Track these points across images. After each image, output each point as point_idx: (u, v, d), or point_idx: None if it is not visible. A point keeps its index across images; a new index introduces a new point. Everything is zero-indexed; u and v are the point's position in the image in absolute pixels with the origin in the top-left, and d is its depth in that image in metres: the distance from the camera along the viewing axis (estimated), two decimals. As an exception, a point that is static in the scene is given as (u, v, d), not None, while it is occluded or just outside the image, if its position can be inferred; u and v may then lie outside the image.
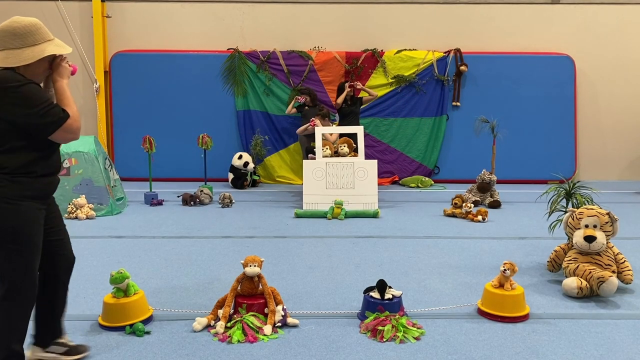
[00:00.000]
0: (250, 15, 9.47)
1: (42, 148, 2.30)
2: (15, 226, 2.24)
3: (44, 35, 2.32)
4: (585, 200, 4.31)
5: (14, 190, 2.23)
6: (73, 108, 2.33)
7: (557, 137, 9.36)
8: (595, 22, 9.53)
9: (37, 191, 2.31)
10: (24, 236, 2.26)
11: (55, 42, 2.35)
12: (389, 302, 3.11)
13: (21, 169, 2.25)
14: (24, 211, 2.25)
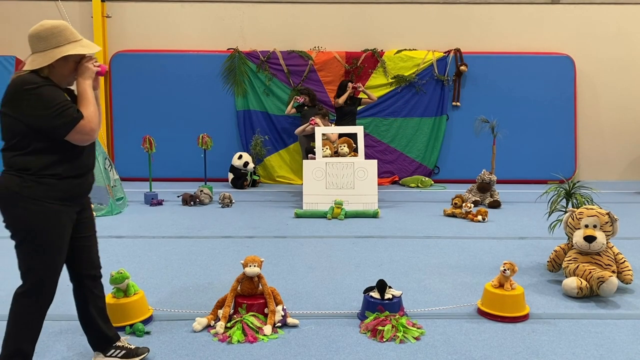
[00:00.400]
0: (250, 15, 9.47)
1: (65, 150, 2.27)
2: (38, 226, 2.25)
3: (68, 36, 2.27)
4: (585, 200, 4.31)
5: (39, 191, 2.23)
6: (89, 109, 2.26)
7: (557, 137, 9.36)
8: (595, 22, 9.53)
9: (63, 192, 2.29)
10: (47, 237, 2.26)
11: (80, 42, 2.30)
12: (389, 302, 3.11)
13: (45, 170, 2.24)
14: (49, 212, 2.25)
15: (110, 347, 2.61)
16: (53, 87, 2.23)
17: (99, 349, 2.61)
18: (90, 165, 2.44)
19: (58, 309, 3.32)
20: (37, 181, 2.23)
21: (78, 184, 2.37)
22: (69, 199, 2.33)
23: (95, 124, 2.27)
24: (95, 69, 2.34)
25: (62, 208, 2.30)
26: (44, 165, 2.24)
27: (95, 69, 2.34)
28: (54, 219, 2.27)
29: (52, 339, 2.89)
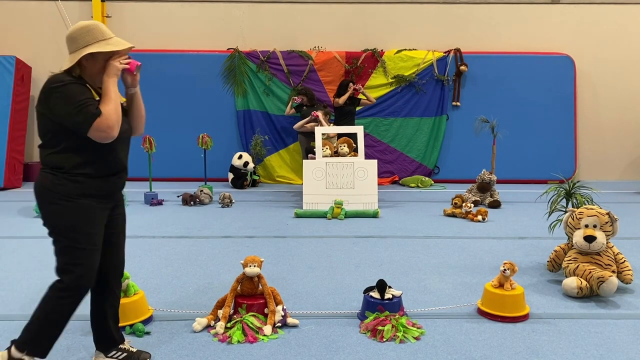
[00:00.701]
0: (250, 15, 9.48)
1: (95, 148, 2.27)
2: (73, 222, 2.27)
3: (97, 35, 2.28)
4: (585, 200, 4.31)
5: (72, 189, 2.26)
6: (108, 106, 2.22)
7: (557, 137, 9.37)
8: (595, 22, 9.53)
9: (95, 190, 2.31)
10: (81, 233, 2.28)
11: (108, 40, 2.29)
12: (389, 302, 3.11)
13: (77, 168, 2.27)
14: (82, 208, 2.27)
15: (113, 348, 2.61)
16: (78, 85, 2.24)
17: (102, 348, 2.61)
18: (123, 164, 2.43)
19: (58, 309, 3.32)
20: (69, 179, 2.25)
21: (111, 182, 2.38)
22: (102, 196, 2.34)
23: (113, 121, 2.22)
24: (121, 66, 2.29)
25: (96, 204, 2.32)
26: (76, 164, 2.26)
27: (121, 66, 2.29)
28: (87, 215, 2.29)
29: (52, 339, 2.88)
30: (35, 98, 9.54)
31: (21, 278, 3.93)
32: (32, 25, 9.41)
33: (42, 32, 9.42)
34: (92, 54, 2.26)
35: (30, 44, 9.41)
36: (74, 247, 2.29)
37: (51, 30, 9.44)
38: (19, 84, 8.63)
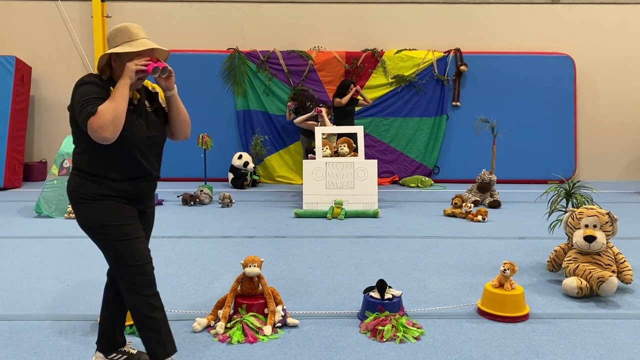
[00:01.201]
0: (250, 15, 9.48)
1: (112, 151, 2.23)
2: (99, 219, 2.27)
3: (123, 37, 2.26)
4: (585, 200, 4.31)
5: (94, 189, 2.26)
6: (104, 105, 2.12)
7: (557, 137, 9.36)
8: (595, 22, 9.53)
9: (117, 192, 2.28)
10: (109, 226, 2.26)
11: (132, 42, 2.25)
12: (389, 302, 3.11)
13: (96, 170, 2.26)
14: (105, 206, 2.27)
15: (113, 350, 2.61)
16: (94, 85, 2.20)
17: (104, 349, 2.60)
18: (146, 169, 2.35)
19: (58, 308, 3.32)
20: (91, 180, 2.27)
21: (133, 187, 2.32)
22: (125, 198, 2.32)
23: (105, 120, 2.09)
24: (135, 67, 2.19)
25: (121, 202, 2.30)
26: (95, 165, 2.26)
27: (135, 68, 2.19)
28: (111, 211, 2.27)
29: (52, 338, 2.89)
30: (35, 98, 9.54)
31: (21, 278, 3.93)
32: (32, 25, 9.42)
33: (42, 32, 9.43)
34: (118, 55, 2.26)
35: (30, 44, 9.41)
36: (110, 242, 2.28)
37: (51, 30, 9.44)
38: (19, 84, 8.63)
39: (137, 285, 2.29)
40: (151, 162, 2.39)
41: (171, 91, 2.37)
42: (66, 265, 4.25)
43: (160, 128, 2.42)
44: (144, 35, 2.31)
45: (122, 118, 2.16)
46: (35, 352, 2.74)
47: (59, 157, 6.29)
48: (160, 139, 2.43)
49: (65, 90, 9.53)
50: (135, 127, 2.28)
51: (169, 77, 2.33)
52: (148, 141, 2.34)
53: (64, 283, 3.82)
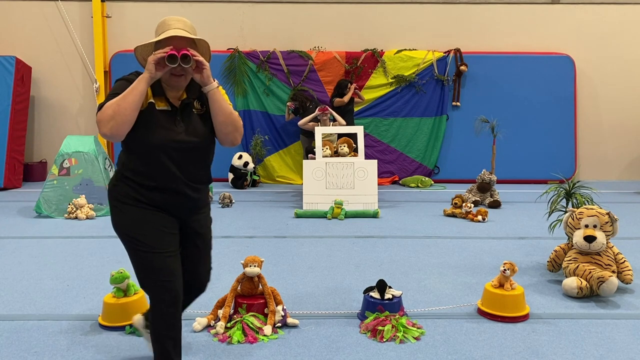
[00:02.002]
0: (250, 15, 9.47)
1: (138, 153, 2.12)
2: (125, 225, 2.16)
3: (159, 30, 2.15)
4: (585, 200, 4.31)
5: (124, 192, 2.16)
6: (111, 101, 2.00)
7: (557, 137, 9.36)
8: (595, 22, 9.53)
9: (147, 199, 2.14)
10: (134, 234, 2.13)
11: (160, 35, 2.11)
12: (389, 302, 3.11)
13: (130, 173, 2.15)
14: (133, 212, 2.14)
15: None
16: (125, 81, 2.10)
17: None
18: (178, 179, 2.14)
19: (58, 308, 3.32)
20: (124, 181, 2.17)
21: (163, 197, 2.16)
22: (158, 206, 2.16)
23: (104, 115, 1.98)
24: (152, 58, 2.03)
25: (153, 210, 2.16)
26: (129, 168, 2.16)
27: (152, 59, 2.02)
28: (141, 219, 2.14)
29: (52, 338, 2.89)
30: (35, 98, 9.54)
31: (21, 278, 3.93)
32: (32, 25, 9.41)
33: (42, 32, 9.42)
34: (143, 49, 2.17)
35: (30, 44, 9.41)
36: (136, 250, 2.14)
37: (51, 30, 9.44)
38: (19, 84, 8.63)
39: (155, 299, 2.16)
40: (187, 170, 2.16)
41: (206, 86, 2.12)
42: (66, 265, 4.25)
43: (201, 133, 2.18)
44: (177, 25, 2.12)
45: (126, 115, 1.99)
46: (35, 352, 2.74)
47: (59, 157, 6.29)
48: (200, 145, 2.18)
49: (65, 90, 9.54)
50: (165, 130, 2.10)
51: (201, 69, 2.08)
52: (182, 146, 2.12)
53: (64, 283, 3.82)
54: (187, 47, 2.07)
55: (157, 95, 2.14)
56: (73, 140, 6.46)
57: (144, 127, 2.08)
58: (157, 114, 2.11)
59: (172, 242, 2.19)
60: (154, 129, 2.09)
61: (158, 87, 2.14)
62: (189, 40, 2.11)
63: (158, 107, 2.13)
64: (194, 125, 2.17)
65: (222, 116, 2.16)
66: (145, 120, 2.08)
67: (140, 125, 2.07)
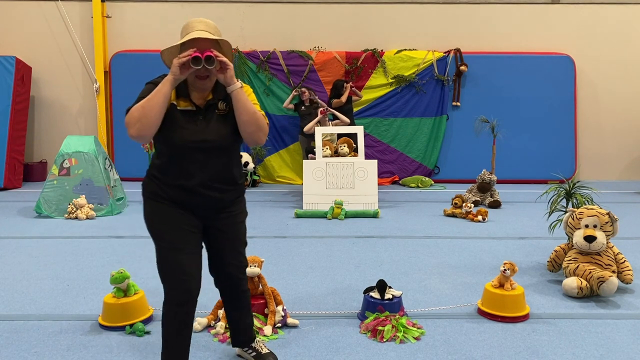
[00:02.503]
0: (250, 15, 9.47)
1: (165, 154, 2.18)
2: (150, 220, 2.23)
3: (183, 33, 2.19)
4: (585, 200, 4.31)
5: (150, 189, 2.23)
6: (138, 103, 2.08)
7: (557, 137, 9.36)
8: (595, 22, 9.53)
9: (170, 197, 2.20)
10: (157, 229, 2.21)
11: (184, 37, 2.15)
12: (389, 302, 3.11)
13: (156, 171, 2.22)
14: (156, 208, 2.21)
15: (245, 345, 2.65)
16: (152, 84, 2.16)
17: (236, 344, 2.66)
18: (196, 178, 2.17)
19: (58, 308, 3.32)
20: (151, 178, 2.24)
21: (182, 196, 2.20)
22: (178, 204, 2.21)
23: (130, 118, 2.06)
24: (177, 61, 2.06)
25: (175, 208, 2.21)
26: (155, 166, 2.23)
27: (177, 62, 2.06)
28: (163, 216, 2.20)
29: (52, 338, 2.89)
30: (35, 98, 9.54)
31: (21, 278, 3.93)
32: (32, 25, 9.41)
33: (42, 32, 9.42)
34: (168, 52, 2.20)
35: (30, 44, 9.41)
36: (157, 246, 2.21)
37: (51, 30, 9.44)
38: (19, 84, 8.63)
39: (168, 296, 2.20)
40: (209, 170, 2.19)
41: (230, 86, 2.15)
42: (66, 265, 4.25)
43: (222, 132, 2.20)
44: (200, 27, 2.14)
45: (152, 116, 2.05)
46: (35, 352, 2.74)
47: (59, 157, 6.29)
48: (219, 144, 2.19)
49: (65, 90, 9.54)
50: (185, 130, 2.13)
51: (224, 69, 2.11)
52: (201, 145, 2.15)
53: (64, 283, 3.82)
54: (210, 49, 2.09)
55: (182, 96, 2.19)
56: (73, 140, 6.46)
57: (166, 128, 2.13)
58: (178, 115, 2.15)
59: (192, 241, 2.23)
60: (174, 128, 2.13)
61: (183, 88, 2.18)
62: (212, 42, 2.14)
63: (181, 107, 2.17)
64: (215, 125, 2.20)
65: (246, 115, 2.19)
66: (167, 120, 2.12)
67: (163, 125, 2.12)
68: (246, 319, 2.60)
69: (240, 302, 2.53)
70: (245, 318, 2.60)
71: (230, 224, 2.35)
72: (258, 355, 2.60)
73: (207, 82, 2.17)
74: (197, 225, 2.26)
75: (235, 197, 2.34)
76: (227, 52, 2.22)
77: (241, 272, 2.46)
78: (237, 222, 2.38)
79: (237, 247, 2.41)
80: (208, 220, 2.30)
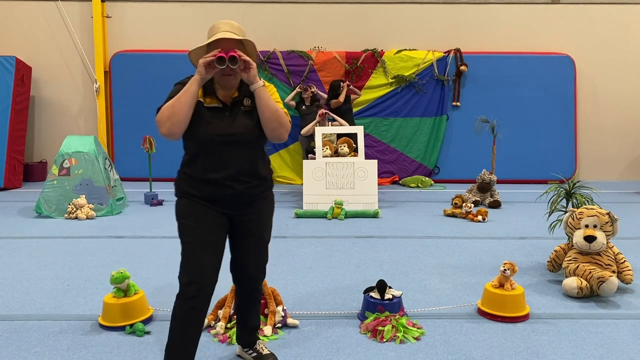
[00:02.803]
0: (250, 15, 9.47)
1: (192, 149, 2.27)
2: (177, 216, 2.31)
3: (209, 34, 2.29)
4: (585, 200, 4.31)
5: (180, 186, 2.32)
6: (168, 103, 2.17)
7: (557, 137, 9.36)
8: (595, 22, 9.53)
9: (197, 191, 2.27)
10: (181, 224, 2.28)
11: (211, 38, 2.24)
12: (389, 302, 3.11)
13: (183, 167, 2.32)
14: (183, 204, 2.30)
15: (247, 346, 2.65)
16: (180, 85, 2.25)
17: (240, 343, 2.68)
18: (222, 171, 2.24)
19: (58, 308, 3.32)
20: (180, 175, 2.33)
21: (208, 190, 2.26)
22: (204, 199, 2.27)
23: (160, 117, 2.16)
24: (202, 61, 2.16)
25: (202, 203, 2.27)
26: (184, 163, 2.32)
27: (202, 61, 2.16)
28: (188, 211, 2.27)
29: (52, 338, 2.89)
30: (35, 98, 9.54)
31: (21, 278, 3.93)
32: (32, 25, 9.41)
33: (42, 32, 9.43)
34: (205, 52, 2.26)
35: (30, 44, 9.41)
36: (181, 241, 2.28)
37: (51, 30, 9.44)
38: (19, 84, 8.63)
39: (181, 291, 2.22)
40: (235, 163, 2.26)
41: (252, 85, 2.24)
42: (66, 265, 4.25)
43: (247, 126, 2.27)
44: (225, 28, 2.23)
45: (181, 114, 2.14)
46: (35, 352, 2.74)
47: (59, 157, 6.29)
48: (245, 137, 2.26)
49: (65, 90, 9.54)
50: (211, 125, 2.21)
51: (247, 68, 2.19)
52: (227, 139, 2.22)
53: (64, 283, 3.82)
54: (234, 49, 2.19)
55: (208, 94, 2.28)
56: (73, 140, 6.46)
57: (193, 124, 2.21)
58: (204, 111, 2.23)
59: (216, 239, 2.30)
60: (201, 124, 2.21)
61: (210, 86, 2.28)
62: (236, 42, 2.24)
63: (207, 104, 2.26)
64: (240, 119, 2.28)
65: (268, 112, 2.26)
66: (194, 117, 2.21)
67: (191, 122, 2.21)
68: (256, 320, 2.63)
69: (254, 302, 2.58)
70: (255, 319, 2.63)
71: (257, 219, 2.41)
72: (259, 356, 2.60)
73: (232, 79, 2.25)
74: (224, 224, 2.34)
75: (261, 192, 2.40)
76: (251, 52, 2.33)
77: (261, 271, 2.54)
78: (264, 218, 2.44)
79: (261, 245, 2.48)
80: (235, 216, 2.35)
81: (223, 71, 2.19)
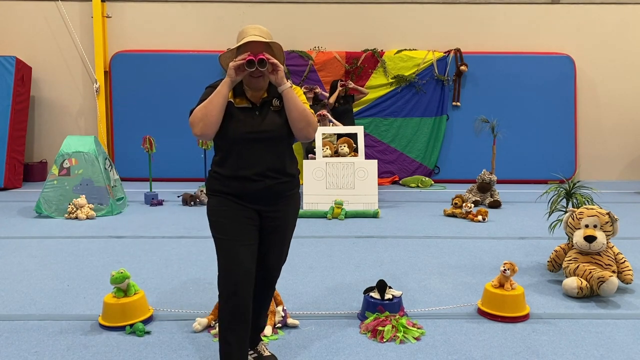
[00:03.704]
0: (250, 15, 9.47)
1: (223, 148, 2.36)
2: (209, 214, 2.38)
3: (238, 38, 2.34)
4: (585, 200, 4.31)
5: (211, 185, 2.39)
6: (200, 105, 2.28)
7: (557, 137, 9.36)
8: (595, 22, 9.53)
9: (228, 189, 2.34)
10: (213, 222, 2.36)
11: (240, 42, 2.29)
12: (389, 302, 3.11)
13: (215, 167, 2.39)
14: (214, 201, 2.37)
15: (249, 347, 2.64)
16: (210, 88, 2.34)
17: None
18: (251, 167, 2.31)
19: (58, 308, 3.32)
20: (212, 174, 2.40)
21: (239, 186, 2.33)
22: (235, 195, 2.34)
23: (194, 118, 2.26)
24: (232, 64, 2.22)
25: (234, 200, 2.34)
26: (215, 162, 2.40)
27: (232, 64, 2.22)
28: (219, 208, 2.34)
29: (52, 338, 2.89)
30: (35, 98, 9.54)
31: (21, 278, 3.93)
32: (32, 25, 9.41)
33: (42, 32, 9.43)
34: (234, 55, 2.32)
35: (30, 44, 9.42)
36: (214, 238, 2.35)
37: (51, 30, 9.44)
38: (19, 84, 8.63)
39: (220, 290, 2.29)
40: (264, 159, 2.33)
41: (280, 86, 2.30)
42: (66, 265, 4.25)
43: (277, 124, 2.34)
44: (254, 32, 2.31)
45: (213, 115, 2.24)
46: (35, 352, 2.74)
47: (59, 157, 6.29)
48: (274, 135, 2.34)
49: (65, 90, 9.54)
50: (242, 123, 2.30)
51: (275, 70, 2.27)
52: (257, 136, 2.30)
53: (64, 283, 3.82)
54: (263, 52, 2.27)
55: (238, 95, 2.37)
56: (73, 140, 6.46)
57: (224, 123, 2.31)
58: (235, 111, 2.33)
59: (248, 233, 2.35)
60: (232, 122, 2.31)
61: (239, 88, 2.36)
62: (264, 45, 2.31)
63: (238, 105, 2.35)
64: (270, 118, 2.36)
65: (296, 112, 2.32)
66: (225, 117, 2.31)
67: (223, 121, 2.31)
68: (263, 320, 2.64)
69: (266, 299, 2.60)
70: (263, 319, 2.64)
71: (283, 217, 2.46)
72: (259, 357, 2.60)
73: (261, 80, 2.32)
74: (255, 219, 2.38)
75: (290, 189, 2.45)
76: (279, 55, 2.37)
77: (279, 267, 2.58)
78: (290, 217, 2.50)
79: (283, 243, 2.53)
80: (264, 212, 2.39)
81: (252, 73, 2.27)
